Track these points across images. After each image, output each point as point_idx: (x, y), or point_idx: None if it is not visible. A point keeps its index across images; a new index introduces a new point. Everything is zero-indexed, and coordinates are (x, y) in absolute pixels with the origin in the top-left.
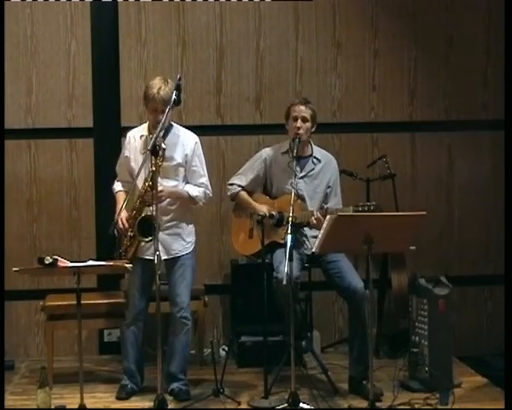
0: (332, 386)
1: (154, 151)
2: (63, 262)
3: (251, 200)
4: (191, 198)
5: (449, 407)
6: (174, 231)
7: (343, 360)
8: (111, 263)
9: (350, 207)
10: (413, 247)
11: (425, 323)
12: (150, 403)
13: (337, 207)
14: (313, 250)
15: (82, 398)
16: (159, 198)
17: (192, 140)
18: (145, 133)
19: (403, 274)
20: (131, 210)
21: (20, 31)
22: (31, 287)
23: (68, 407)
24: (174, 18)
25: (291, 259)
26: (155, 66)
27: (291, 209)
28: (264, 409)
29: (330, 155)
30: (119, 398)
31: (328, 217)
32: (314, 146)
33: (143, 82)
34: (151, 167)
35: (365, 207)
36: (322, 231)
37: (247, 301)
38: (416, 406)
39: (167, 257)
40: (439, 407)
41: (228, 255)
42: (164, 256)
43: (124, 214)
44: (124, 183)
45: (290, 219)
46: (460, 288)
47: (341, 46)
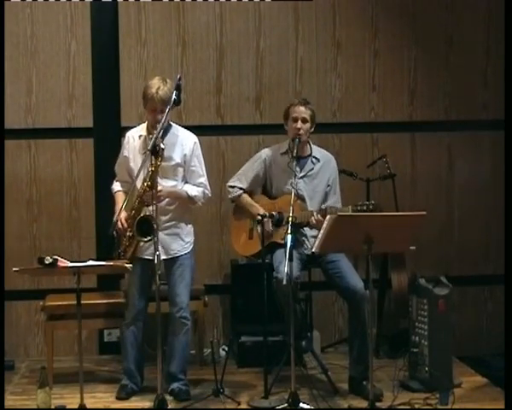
0: (332, 386)
1: (155, 151)
2: (63, 262)
3: (253, 202)
4: (190, 198)
5: (449, 407)
6: (173, 231)
7: (343, 360)
8: (111, 263)
9: (349, 206)
10: (413, 247)
11: (425, 323)
12: (150, 403)
13: (336, 205)
14: (313, 250)
15: (82, 398)
16: (158, 198)
17: (191, 140)
18: (144, 133)
19: (403, 274)
20: (130, 210)
21: (20, 31)
22: (31, 287)
23: (68, 407)
24: (174, 18)
25: (291, 259)
26: (155, 66)
27: (291, 209)
28: (264, 409)
29: (329, 154)
30: (119, 398)
31: (328, 217)
32: (313, 145)
33: (143, 82)
34: (150, 167)
35: (364, 206)
36: (322, 231)
37: (247, 301)
38: (416, 406)
39: (166, 257)
40: (439, 407)
41: (228, 255)
42: (163, 256)
43: (123, 214)
44: (123, 183)
45: (290, 219)
46: (460, 288)
47: (341, 46)
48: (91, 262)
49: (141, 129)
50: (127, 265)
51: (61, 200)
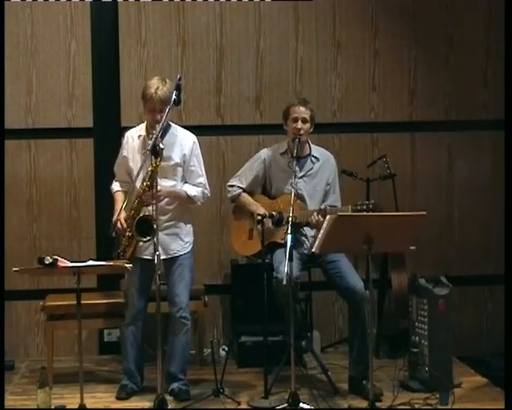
0: (332, 386)
1: (155, 151)
2: (63, 262)
3: (252, 200)
4: (189, 198)
5: (449, 407)
6: (172, 231)
7: (343, 360)
8: (111, 263)
9: (349, 206)
10: (413, 247)
11: (425, 323)
12: (150, 403)
13: (334, 203)
14: (313, 250)
15: (82, 398)
16: (157, 198)
17: (190, 140)
18: (143, 133)
19: (403, 274)
20: (130, 210)
21: (20, 31)
22: (31, 287)
23: (68, 407)
24: (174, 18)
25: (291, 259)
26: (155, 66)
27: (291, 209)
28: (264, 409)
29: (328, 153)
30: (119, 398)
31: (328, 217)
32: (312, 145)
33: (143, 82)
34: (149, 167)
35: (364, 205)
36: (322, 231)
37: (247, 301)
38: (416, 406)
39: (165, 257)
40: (439, 407)
41: (228, 255)
42: (162, 256)
43: (122, 214)
44: (122, 183)
45: (290, 219)
46: (460, 288)
47: (341, 46)
48: (91, 262)
49: (140, 129)
50: (127, 265)
51: (61, 200)
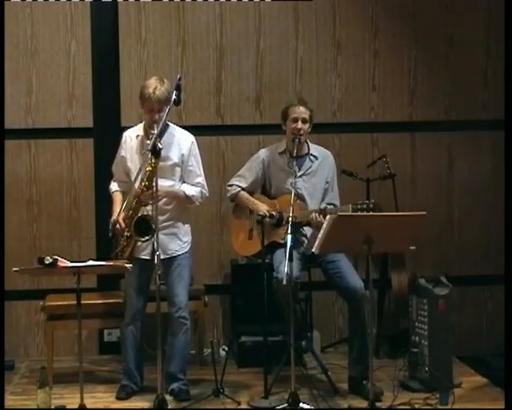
0: (332, 386)
1: (155, 151)
2: (63, 262)
3: (251, 198)
4: (188, 198)
5: (449, 407)
6: (171, 231)
7: (343, 360)
8: (111, 263)
9: (349, 205)
10: (413, 247)
11: (425, 323)
12: (150, 403)
13: (332, 201)
14: (313, 250)
15: (82, 398)
16: (155, 198)
17: (188, 140)
18: (141, 133)
19: (403, 274)
20: (128, 210)
21: (20, 31)
22: (31, 287)
23: (68, 407)
24: (174, 18)
25: (291, 259)
26: (155, 66)
27: (291, 209)
28: (264, 409)
29: (327, 151)
30: (119, 398)
31: (328, 217)
32: (310, 143)
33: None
34: (147, 167)
35: (364, 205)
36: (322, 231)
37: (247, 301)
38: (416, 406)
39: (164, 257)
40: (439, 407)
41: (228, 255)
42: (161, 256)
43: (121, 215)
44: (120, 183)
45: (290, 218)
46: (460, 288)
47: (341, 46)
48: (91, 262)
49: (138, 129)
50: (127, 265)
51: (61, 200)
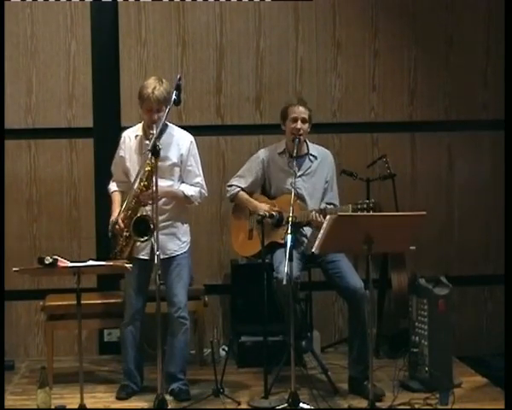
0: (332, 386)
1: (155, 151)
2: (63, 262)
3: (251, 199)
4: (186, 198)
5: (449, 407)
6: (170, 231)
7: (343, 360)
8: (111, 263)
9: (349, 205)
10: (413, 247)
11: (425, 323)
12: (150, 403)
13: (332, 200)
14: (313, 250)
15: (82, 398)
16: (153, 198)
17: (187, 140)
18: (140, 133)
19: (403, 274)
20: (127, 210)
21: (20, 31)
22: (31, 287)
23: (68, 407)
24: (174, 18)
25: (291, 259)
26: (155, 66)
27: (291, 209)
28: (264, 409)
29: (326, 151)
30: (119, 398)
31: (328, 217)
32: (309, 143)
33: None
34: (146, 167)
35: (364, 204)
36: (322, 231)
37: (247, 301)
38: (416, 406)
39: (163, 257)
40: (439, 407)
41: (228, 255)
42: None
43: (120, 215)
44: (119, 183)
45: (290, 218)
46: (460, 288)
47: (341, 46)
48: (91, 262)
49: (137, 129)
50: (127, 265)
51: (61, 200)
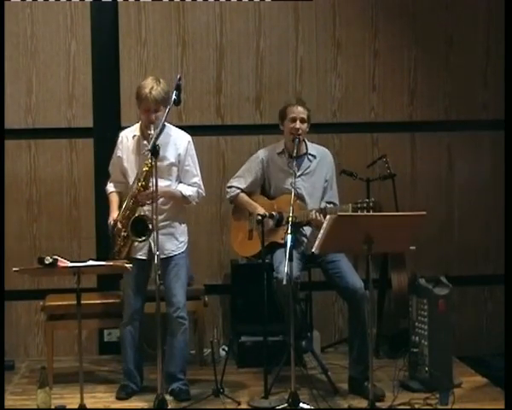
0: (332, 386)
1: (155, 151)
2: (63, 262)
3: (251, 200)
4: (184, 198)
5: (449, 407)
6: (168, 231)
7: (343, 360)
8: (111, 263)
9: (349, 204)
10: (413, 247)
11: (425, 323)
12: (150, 403)
13: (331, 199)
14: (313, 250)
15: (82, 398)
16: (152, 198)
17: (185, 139)
18: (138, 133)
19: (403, 274)
20: (125, 210)
21: (20, 31)
22: (31, 287)
23: (68, 407)
24: (174, 18)
25: (291, 259)
26: (155, 66)
27: (291, 209)
28: (264, 409)
29: (325, 150)
30: (119, 398)
31: (328, 217)
32: (308, 142)
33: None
34: (143, 167)
35: (364, 203)
36: (322, 231)
37: (247, 301)
38: (416, 406)
39: (161, 257)
40: (439, 407)
41: (228, 255)
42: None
43: (118, 215)
44: (116, 183)
45: (290, 219)
46: (460, 288)
47: (341, 46)
48: (91, 262)
49: (134, 129)
50: (127, 265)
51: (61, 200)
